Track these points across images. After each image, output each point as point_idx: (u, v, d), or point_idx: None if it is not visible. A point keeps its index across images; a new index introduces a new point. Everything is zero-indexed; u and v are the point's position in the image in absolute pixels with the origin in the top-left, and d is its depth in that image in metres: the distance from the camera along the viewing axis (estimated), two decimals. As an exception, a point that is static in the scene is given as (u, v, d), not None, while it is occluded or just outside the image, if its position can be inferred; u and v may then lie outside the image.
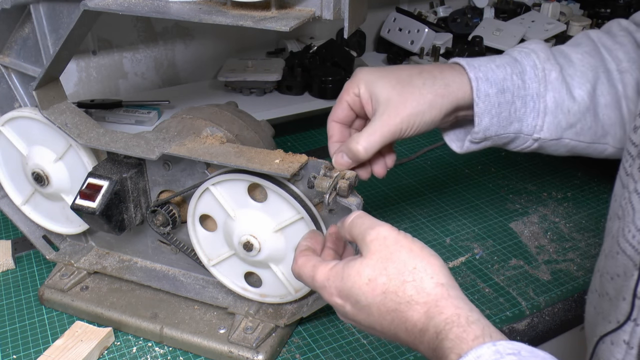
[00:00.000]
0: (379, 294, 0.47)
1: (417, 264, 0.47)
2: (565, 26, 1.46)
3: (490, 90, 0.64)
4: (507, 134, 0.66)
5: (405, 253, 0.47)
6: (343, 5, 0.54)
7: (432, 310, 0.45)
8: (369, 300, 0.47)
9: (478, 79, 0.64)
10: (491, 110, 0.64)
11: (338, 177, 0.62)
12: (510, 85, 0.64)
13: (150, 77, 1.23)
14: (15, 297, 0.82)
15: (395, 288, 0.46)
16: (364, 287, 0.47)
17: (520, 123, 0.66)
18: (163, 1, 0.58)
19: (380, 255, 0.48)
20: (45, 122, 0.72)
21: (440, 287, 0.46)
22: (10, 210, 0.82)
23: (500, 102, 0.64)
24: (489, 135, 0.66)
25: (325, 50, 1.23)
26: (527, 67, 0.66)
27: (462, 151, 0.69)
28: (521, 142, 0.68)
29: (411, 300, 0.45)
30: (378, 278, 0.47)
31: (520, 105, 0.65)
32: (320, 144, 1.23)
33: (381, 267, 0.47)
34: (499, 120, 0.65)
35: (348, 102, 0.65)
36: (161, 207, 0.71)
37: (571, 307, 0.82)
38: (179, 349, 0.74)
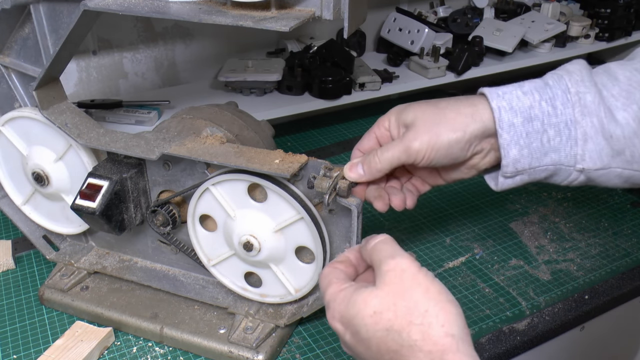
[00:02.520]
0: (381, 329, 0.44)
1: (429, 308, 0.44)
2: (565, 26, 1.46)
3: (515, 119, 0.58)
4: (543, 166, 0.59)
5: (420, 293, 0.45)
6: (343, 5, 0.54)
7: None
8: (370, 334, 0.45)
9: (500, 108, 0.58)
10: (519, 141, 0.58)
11: (338, 178, 0.63)
12: (538, 113, 0.58)
13: (150, 77, 1.23)
14: (16, 297, 0.82)
15: (400, 328, 0.44)
16: (368, 318, 0.45)
17: (558, 153, 0.59)
18: (163, 1, 0.58)
19: (392, 289, 0.46)
20: (45, 122, 0.72)
21: (450, 338, 0.43)
22: (11, 210, 0.82)
23: (529, 131, 0.58)
24: (521, 169, 0.59)
25: (325, 50, 1.23)
26: (559, 92, 0.59)
27: (498, 188, 0.62)
28: (565, 175, 0.60)
29: (415, 346, 0.43)
30: (384, 312, 0.45)
31: (554, 134, 0.58)
32: (320, 144, 1.23)
33: (390, 302, 0.45)
34: (530, 151, 0.58)
35: (376, 135, 0.64)
36: (161, 207, 0.71)
37: (571, 307, 0.82)
38: (179, 349, 0.74)
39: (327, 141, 1.24)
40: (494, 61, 1.39)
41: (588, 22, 1.50)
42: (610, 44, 1.56)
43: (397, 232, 0.94)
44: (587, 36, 1.51)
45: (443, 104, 0.61)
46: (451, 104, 0.61)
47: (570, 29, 1.49)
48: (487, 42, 1.37)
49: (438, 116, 0.60)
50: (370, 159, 0.61)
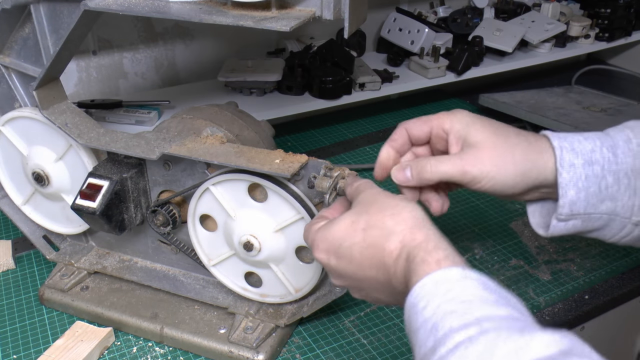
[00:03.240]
0: (359, 232, 0.50)
1: (398, 202, 0.51)
2: (565, 26, 1.46)
3: (576, 160, 0.57)
4: (598, 213, 0.58)
5: (388, 198, 0.52)
6: (343, 5, 0.54)
7: (406, 238, 0.48)
8: (350, 241, 0.50)
9: (562, 147, 0.57)
10: (577, 183, 0.57)
11: (338, 177, 0.63)
12: (599, 158, 0.57)
13: (150, 77, 1.23)
14: (16, 297, 0.82)
15: (375, 221, 0.50)
16: (348, 228, 0.51)
17: (614, 202, 0.58)
18: (163, 1, 0.58)
19: (364, 202, 0.52)
20: (45, 122, 0.72)
21: (415, 218, 0.49)
22: (11, 210, 0.82)
23: (588, 174, 0.57)
24: (576, 212, 0.58)
25: (325, 50, 1.23)
26: (620, 142, 0.58)
27: (549, 233, 0.61)
28: (618, 228, 0.59)
29: (390, 232, 0.49)
30: (360, 217, 0.51)
31: (613, 182, 0.57)
32: (320, 144, 1.23)
33: (364, 210, 0.51)
34: (587, 195, 0.57)
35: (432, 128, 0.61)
36: (161, 207, 0.71)
37: (571, 307, 0.82)
38: (179, 349, 0.74)
39: (327, 141, 1.24)
40: (494, 61, 1.39)
41: (588, 22, 1.50)
42: (610, 44, 1.56)
43: (397, 232, 0.94)
44: (587, 36, 1.51)
45: (513, 139, 0.59)
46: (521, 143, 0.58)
47: (570, 29, 1.49)
48: (487, 42, 1.37)
49: (505, 151, 0.58)
50: (422, 166, 0.59)
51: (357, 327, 0.77)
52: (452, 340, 0.39)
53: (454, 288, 0.43)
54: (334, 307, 0.79)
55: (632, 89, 1.52)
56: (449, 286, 0.43)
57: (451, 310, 0.41)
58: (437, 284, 0.44)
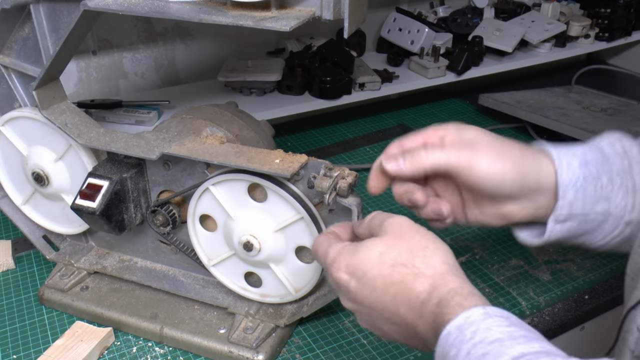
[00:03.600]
0: (387, 267, 0.49)
1: (429, 245, 0.50)
2: (565, 26, 1.46)
3: (573, 161, 0.58)
4: (594, 214, 0.59)
5: (418, 236, 0.50)
6: (343, 5, 0.54)
7: (437, 282, 0.47)
8: (376, 272, 0.49)
9: (559, 152, 0.59)
10: (576, 183, 0.57)
11: (338, 177, 0.62)
12: (592, 159, 0.58)
13: (150, 77, 1.23)
14: (15, 297, 0.82)
15: (405, 261, 0.49)
16: (374, 259, 0.50)
17: (608, 202, 0.58)
18: (163, 1, 0.58)
19: (394, 235, 0.51)
20: (45, 122, 0.72)
21: (447, 265, 0.48)
22: (11, 210, 0.82)
23: (585, 175, 0.58)
24: (574, 213, 0.58)
25: (325, 50, 1.23)
26: (605, 147, 0.60)
27: (545, 238, 0.60)
28: (610, 229, 0.60)
29: (419, 273, 0.48)
30: (389, 252, 0.49)
31: (607, 182, 0.58)
32: (320, 144, 1.23)
33: (393, 244, 0.50)
34: (585, 195, 0.58)
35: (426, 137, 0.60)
36: (161, 207, 0.71)
37: (571, 307, 0.82)
38: (179, 349, 0.74)
39: (327, 141, 1.24)
40: (494, 61, 1.39)
41: (588, 22, 1.50)
42: (610, 44, 1.56)
43: (397, 232, 0.94)
44: (587, 36, 1.51)
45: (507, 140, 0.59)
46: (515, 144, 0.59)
47: (570, 29, 1.49)
48: (487, 42, 1.37)
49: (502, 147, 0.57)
50: (417, 152, 0.57)
51: (357, 327, 0.77)
52: None
53: (479, 330, 0.42)
54: (334, 307, 0.79)
55: (632, 89, 1.52)
56: (473, 329, 0.42)
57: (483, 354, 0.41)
58: (461, 329, 0.43)
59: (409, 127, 1.30)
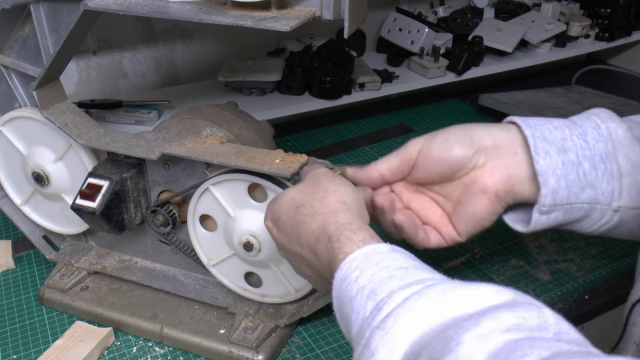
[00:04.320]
0: (292, 209, 0.53)
1: (329, 186, 0.53)
2: (565, 26, 1.46)
3: (550, 148, 0.56)
4: (579, 203, 0.56)
5: (326, 180, 0.54)
6: (343, 5, 0.54)
7: (328, 219, 0.50)
8: (286, 215, 0.53)
9: (535, 136, 0.56)
10: (555, 170, 0.55)
11: (338, 177, 0.62)
12: (572, 146, 0.56)
13: (150, 77, 1.23)
14: (15, 297, 0.82)
15: (305, 202, 0.53)
16: (285, 204, 0.54)
17: (594, 189, 0.56)
18: (163, 1, 0.58)
19: (306, 182, 0.55)
20: (45, 122, 0.72)
21: (342, 204, 0.51)
22: (11, 210, 0.82)
23: (564, 161, 0.56)
24: (558, 202, 0.56)
25: (325, 50, 1.23)
26: (588, 129, 0.57)
27: (530, 228, 0.59)
28: (598, 216, 0.57)
29: (315, 212, 0.51)
30: (297, 196, 0.54)
31: (590, 168, 0.56)
32: (320, 144, 1.23)
33: (302, 189, 0.54)
34: (567, 183, 0.56)
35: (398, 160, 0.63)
36: (161, 207, 0.71)
37: (571, 307, 0.82)
38: (179, 349, 0.74)
39: (327, 141, 1.24)
40: (494, 61, 1.40)
41: (588, 22, 1.50)
42: (610, 44, 1.56)
43: (397, 232, 0.94)
44: (587, 36, 1.51)
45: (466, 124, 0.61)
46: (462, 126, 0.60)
47: (570, 29, 1.49)
48: (487, 42, 1.37)
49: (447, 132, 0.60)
50: None
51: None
52: (398, 297, 0.40)
53: (385, 259, 0.44)
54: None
55: (632, 89, 1.52)
56: (380, 257, 0.44)
57: (389, 276, 0.42)
58: (367, 256, 0.45)
59: (409, 127, 1.30)
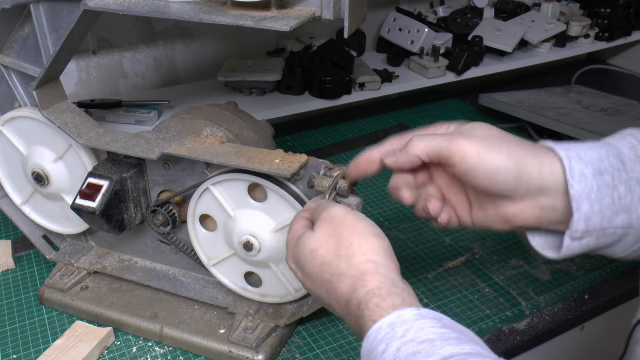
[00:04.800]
0: (317, 265, 0.51)
1: (354, 241, 0.50)
2: (565, 26, 1.46)
3: (586, 170, 0.52)
4: (613, 228, 0.53)
5: (346, 231, 0.51)
6: (343, 5, 0.54)
7: (357, 284, 0.48)
8: (310, 269, 0.52)
9: (570, 158, 0.52)
10: (590, 195, 0.51)
11: (338, 177, 0.62)
12: (608, 167, 0.52)
13: (150, 77, 1.23)
14: (16, 297, 0.82)
15: (331, 261, 0.50)
16: (307, 256, 0.52)
17: (629, 214, 0.53)
18: (163, 1, 0.58)
19: (325, 231, 0.52)
20: (45, 122, 0.72)
21: (371, 264, 0.49)
22: (11, 210, 0.82)
23: (600, 185, 0.52)
24: (592, 228, 0.52)
25: (325, 50, 1.23)
26: (625, 150, 0.54)
27: (562, 255, 0.55)
28: (632, 241, 0.54)
29: (342, 274, 0.49)
30: (318, 250, 0.51)
31: (625, 192, 0.52)
32: (320, 144, 1.23)
33: (323, 241, 0.51)
34: (602, 208, 0.52)
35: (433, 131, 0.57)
36: (161, 207, 0.71)
37: (571, 307, 0.82)
38: (179, 349, 0.74)
39: (327, 141, 1.24)
40: (494, 61, 1.39)
41: (588, 22, 1.50)
42: (610, 44, 1.56)
43: (397, 232, 0.94)
44: (587, 36, 1.51)
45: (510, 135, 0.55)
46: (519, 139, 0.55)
47: (570, 29, 1.49)
48: (487, 42, 1.37)
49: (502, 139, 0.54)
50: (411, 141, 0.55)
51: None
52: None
53: (411, 329, 0.42)
54: (334, 307, 0.79)
55: (632, 89, 1.52)
56: (406, 328, 0.43)
57: (414, 353, 0.41)
58: (393, 327, 0.43)
59: (409, 127, 1.30)
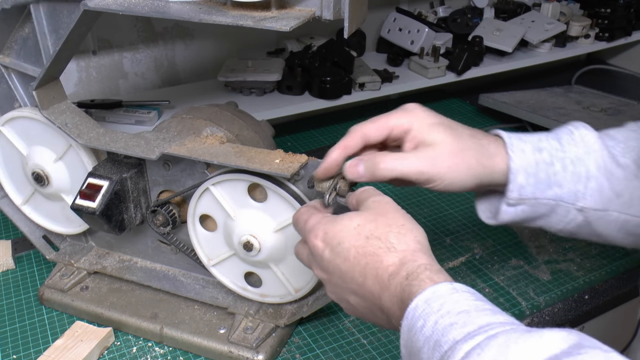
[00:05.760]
0: (362, 238, 0.50)
1: (406, 223, 0.51)
2: (565, 26, 1.46)
3: (525, 146, 0.60)
4: (545, 199, 0.60)
5: (398, 214, 0.52)
6: (343, 5, 0.54)
7: (407, 257, 0.48)
8: (352, 242, 0.51)
9: (512, 137, 0.60)
10: (527, 168, 0.59)
11: (338, 177, 0.62)
12: (547, 146, 0.60)
13: (150, 77, 1.23)
14: (15, 297, 0.82)
15: (380, 234, 0.50)
16: (351, 230, 0.51)
17: (560, 188, 0.60)
18: (163, 1, 0.58)
19: (375, 211, 0.52)
20: (45, 122, 0.72)
21: (420, 245, 0.50)
22: (11, 210, 0.82)
23: (538, 160, 0.60)
24: (524, 197, 0.60)
25: (325, 50, 1.23)
26: (563, 135, 0.62)
27: (496, 221, 0.64)
28: (563, 214, 0.61)
29: (391, 247, 0.49)
30: (367, 224, 0.51)
31: (560, 168, 0.60)
32: (320, 144, 1.23)
33: (372, 218, 0.51)
34: (536, 180, 0.59)
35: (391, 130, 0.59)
36: (161, 207, 0.71)
37: (571, 307, 0.82)
38: (179, 349, 0.74)
39: (327, 141, 1.24)
40: (494, 61, 1.39)
41: (588, 22, 1.50)
42: (610, 44, 1.56)
43: (397, 232, 0.94)
44: (587, 36, 1.51)
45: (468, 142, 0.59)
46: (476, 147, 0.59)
47: (570, 29, 1.49)
48: (487, 42, 1.37)
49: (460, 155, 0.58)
50: (376, 163, 0.57)
51: (357, 327, 0.77)
52: (461, 351, 0.39)
53: (447, 302, 0.43)
54: (334, 307, 0.79)
55: (632, 89, 1.52)
56: (441, 302, 0.44)
57: (450, 324, 0.42)
58: (428, 302, 0.44)
59: (409, 127, 1.30)
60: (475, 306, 0.43)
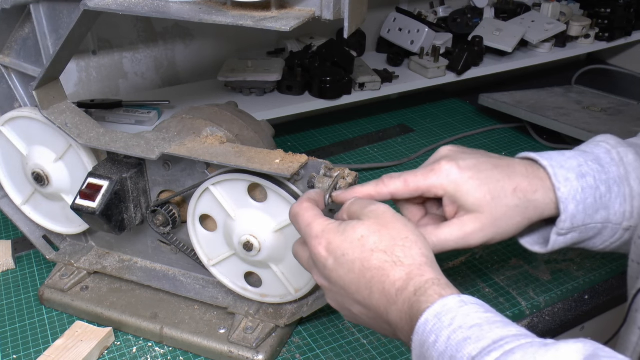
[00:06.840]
0: (367, 251, 0.50)
1: (409, 235, 0.50)
2: (565, 26, 1.46)
3: (569, 175, 0.59)
4: (594, 223, 0.60)
5: (401, 225, 0.51)
6: (343, 5, 0.54)
7: (414, 272, 0.48)
8: (356, 255, 0.50)
9: (553, 166, 0.59)
10: (575, 196, 0.59)
11: (338, 177, 0.62)
12: (589, 171, 0.59)
13: (150, 77, 1.23)
14: (15, 297, 0.82)
15: (385, 248, 0.49)
16: (356, 242, 0.50)
17: (607, 210, 0.60)
18: (163, 1, 0.58)
19: (377, 221, 0.51)
20: (45, 122, 0.72)
21: (426, 258, 0.49)
22: (11, 210, 0.82)
23: (583, 186, 0.59)
24: (576, 225, 0.60)
25: (325, 50, 1.23)
26: (601, 154, 0.61)
27: (549, 249, 0.62)
28: (609, 235, 0.62)
29: (397, 261, 0.49)
30: (371, 236, 0.50)
31: (605, 191, 0.60)
32: (320, 144, 1.23)
33: (376, 230, 0.50)
34: (585, 207, 0.59)
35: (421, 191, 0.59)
36: (161, 207, 0.71)
37: (571, 307, 0.82)
38: (179, 349, 0.74)
39: (327, 141, 1.24)
40: (494, 61, 1.40)
41: (588, 22, 1.50)
42: (610, 44, 1.56)
43: (397, 232, 0.94)
44: (587, 36, 1.51)
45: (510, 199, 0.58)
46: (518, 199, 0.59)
47: (570, 28, 1.49)
48: (487, 42, 1.37)
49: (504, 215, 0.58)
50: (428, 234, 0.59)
51: (357, 327, 0.77)
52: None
53: (457, 316, 0.43)
54: (333, 307, 0.79)
55: (632, 89, 1.52)
56: (452, 316, 0.43)
57: (464, 338, 0.41)
58: (439, 316, 0.44)
59: (409, 127, 1.30)
60: (486, 319, 0.43)
